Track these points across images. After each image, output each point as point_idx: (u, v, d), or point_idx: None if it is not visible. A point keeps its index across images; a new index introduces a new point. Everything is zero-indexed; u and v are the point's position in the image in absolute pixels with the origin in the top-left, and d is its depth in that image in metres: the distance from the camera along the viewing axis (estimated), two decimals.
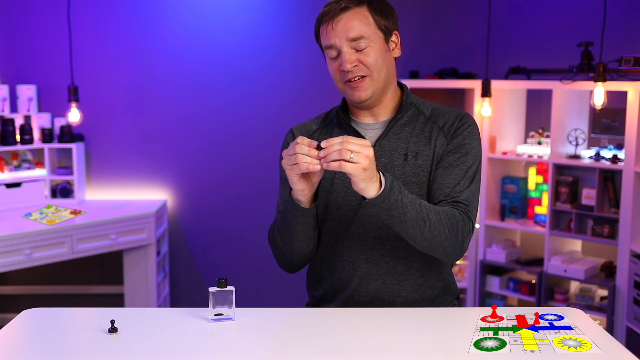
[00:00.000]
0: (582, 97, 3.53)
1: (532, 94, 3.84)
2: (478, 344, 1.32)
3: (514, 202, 3.75)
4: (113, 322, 1.39)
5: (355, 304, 1.65)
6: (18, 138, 3.69)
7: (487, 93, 3.57)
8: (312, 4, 3.85)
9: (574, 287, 3.61)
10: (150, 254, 3.76)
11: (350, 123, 1.69)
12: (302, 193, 1.51)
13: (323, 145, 1.40)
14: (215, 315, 1.46)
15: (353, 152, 1.37)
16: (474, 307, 3.75)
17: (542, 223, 3.62)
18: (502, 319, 1.45)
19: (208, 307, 1.47)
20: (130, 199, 4.03)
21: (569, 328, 1.39)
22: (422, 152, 1.63)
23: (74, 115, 3.62)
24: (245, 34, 3.98)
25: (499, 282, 3.76)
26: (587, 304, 3.46)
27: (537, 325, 1.40)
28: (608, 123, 3.39)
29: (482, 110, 3.63)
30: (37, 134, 3.78)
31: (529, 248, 3.86)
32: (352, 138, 1.39)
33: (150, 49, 3.96)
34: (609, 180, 3.36)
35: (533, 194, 3.73)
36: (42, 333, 1.42)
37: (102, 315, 1.49)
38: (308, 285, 1.79)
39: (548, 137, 3.59)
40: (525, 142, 3.80)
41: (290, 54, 3.99)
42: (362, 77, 1.59)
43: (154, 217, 3.71)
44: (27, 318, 1.51)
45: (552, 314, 1.47)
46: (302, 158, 1.41)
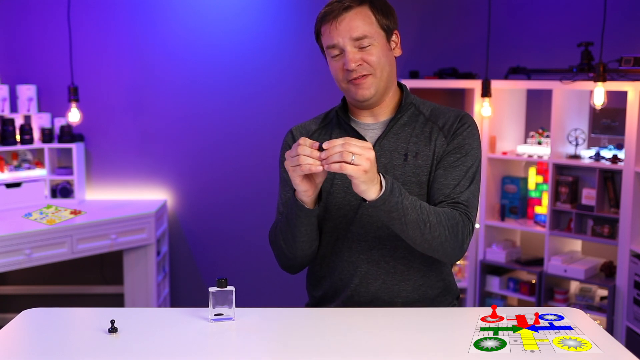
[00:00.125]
0: (582, 97, 3.53)
1: (532, 94, 3.84)
2: (478, 344, 1.32)
3: (514, 202, 3.75)
4: (113, 322, 1.39)
5: (356, 304, 1.64)
6: (18, 138, 3.69)
7: (487, 93, 3.57)
8: (312, 4, 3.85)
9: (574, 287, 3.61)
10: (150, 254, 3.76)
11: (350, 123, 1.69)
12: (305, 194, 1.50)
13: (325, 147, 1.40)
14: (215, 315, 1.46)
15: (354, 154, 1.36)
16: (474, 307, 3.75)
17: (542, 223, 3.62)
18: (502, 319, 1.45)
19: (208, 307, 1.47)
20: (130, 199, 4.03)
21: (569, 328, 1.39)
22: (422, 152, 1.62)
23: (74, 115, 3.62)
24: (245, 34, 3.98)
25: (499, 282, 3.76)
26: (587, 304, 3.46)
27: (537, 325, 1.40)
28: (608, 123, 3.39)
29: (482, 110, 3.63)
30: (37, 134, 3.78)
31: (529, 248, 3.86)
32: (354, 140, 1.39)
33: (150, 49, 3.96)
34: (609, 180, 3.36)
35: (533, 194, 3.73)
36: (42, 333, 1.42)
37: (102, 315, 1.49)
38: (308, 286, 1.78)
39: (548, 137, 3.59)
40: (525, 142, 3.80)
41: (290, 54, 3.99)
42: (365, 75, 1.59)
43: (154, 217, 3.71)
44: (27, 318, 1.51)
45: (552, 314, 1.47)
46: (304, 159, 1.41)
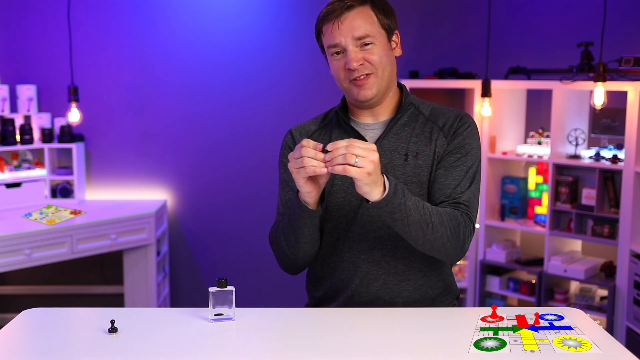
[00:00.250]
0: (582, 97, 3.53)
1: (532, 94, 3.84)
2: (478, 344, 1.32)
3: (514, 202, 3.75)
4: (113, 322, 1.39)
5: (356, 305, 1.64)
6: (18, 138, 3.69)
7: (487, 93, 3.57)
8: (312, 4, 3.85)
9: (574, 287, 3.61)
10: (150, 254, 3.76)
11: (350, 123, 1.68)
12: (309, 195, 1.50)
13: (329, 149, 1.39)
14: (215, 315, 1.46)
15: (358, 156, 1.36)
16: (474, 307, 3.75)
17: (542, 223, 3.61)
18: (502, 319, 1.45)
19: (208, 307, 1.47)
20: (130, 199, 4.03)
21: (569, 328, 1.39)
22: (422, 152, 1.62)
23: (74, 115, 3.62)
24: (245, 34, 3.98)
25: (499, 282, 3.76)
26: (587, 304, 3.46)
27: (537, 325, 1.40)
28: (608, 123, 3.39)
29: (482, 110, 3.62)
30: (37, 134, 3.78)
31: (529, 248, 3.86)
32: (357, 142, 1.38)
33: (150, 49, 3.96)
34: (609, 180, 3.36)
35: (533, 194, 3.73)
36: (42, 333, 1.42)
37: (102, 315, 1.49)
38: (308, 286, 1.78)
39: (548, 137, 3.59)
40: (525, 142, 3.80)
41: (290, 54, 3.99)
42: (367, 75, 1.58)
43: (154, 217, 3.71)
44: (27, 318, 1.51)
45: (552, 314, 1.47)
46: (308, 161, 1.40)
